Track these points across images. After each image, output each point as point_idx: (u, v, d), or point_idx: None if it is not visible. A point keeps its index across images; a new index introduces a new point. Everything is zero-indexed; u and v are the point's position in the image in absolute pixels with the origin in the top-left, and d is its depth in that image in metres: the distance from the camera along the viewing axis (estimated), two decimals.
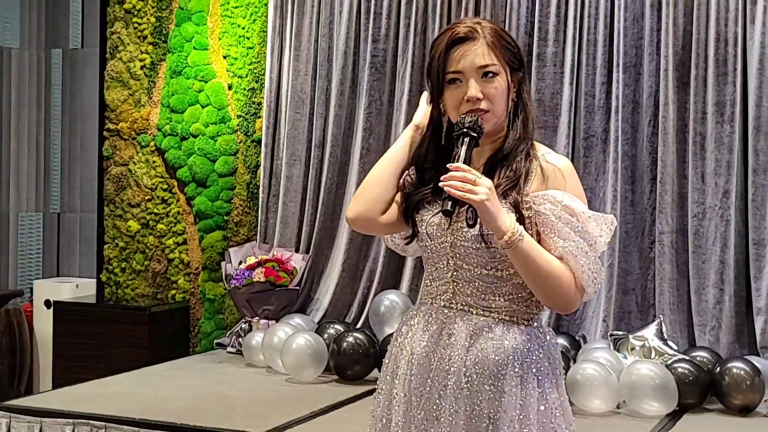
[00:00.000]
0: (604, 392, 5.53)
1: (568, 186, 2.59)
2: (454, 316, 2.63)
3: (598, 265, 2.57)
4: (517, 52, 2.67)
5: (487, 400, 2.56)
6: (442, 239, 2.64)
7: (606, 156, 6.62)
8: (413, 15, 7.08)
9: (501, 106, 2.61)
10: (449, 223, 2.61)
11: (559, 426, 2.61)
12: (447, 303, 2.66)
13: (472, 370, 2.58)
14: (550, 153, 2.66)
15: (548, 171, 2.60)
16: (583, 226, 2.54)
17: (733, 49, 6.27)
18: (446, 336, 2.62)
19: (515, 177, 2.59)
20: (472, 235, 2.58)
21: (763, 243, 6.16)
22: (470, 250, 2.60)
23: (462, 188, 2.42)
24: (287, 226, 7.39)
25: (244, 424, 5.17)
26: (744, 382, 5.56)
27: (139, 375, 6.40)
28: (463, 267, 2.63)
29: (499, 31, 2.65)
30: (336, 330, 6.58)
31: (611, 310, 6.43)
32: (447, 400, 2.58)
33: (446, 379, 2.60)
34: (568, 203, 2.55)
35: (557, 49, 6.70)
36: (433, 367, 2.62)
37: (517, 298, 2.62)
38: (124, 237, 7.88)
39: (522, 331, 2.61)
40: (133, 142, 7.87)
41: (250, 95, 7.60)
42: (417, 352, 2.66)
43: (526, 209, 2.57)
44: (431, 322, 2.66)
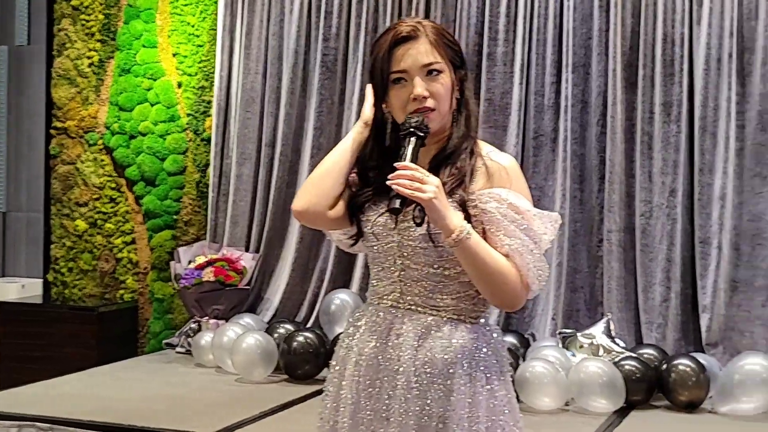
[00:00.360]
0: (552, 390, 5.57)
1: (514, 184, 2.59)
2: (402, 316, 2.63)
3: (543, 262, 2.58)
4: (459, 50, 2.67)
5: (437, 399, 2.57)
6: (388, 239, 2.64)
7: (555, 155, 6.67)
8: (364, 14, 7.09)
9: (446, 103, 2.62)
10: (396, 223, 2.61)
11: (506, 423, 2.62)
12: (394, 303, 2.65)
13: (422, 370, 2.58)
14: (494, 151, 2.66)
15: (493, 169, 2.60)
16: (528, 224, 2.55)
17: (680, 50, 6.34)
18: (394, 336, 2.62)
19: (460, 175, 2.59)
20: (419, 234, 2.57)
21: (709, 241, 6.24)
22: (417, 249, 2.60)
23: (410, 186, 2.43)
24: (237, 226, 7.36)
25: (193, 425, 5.14)
26: (690, 379, 5.62)
27: (87, 376, 6.35)
28: (411, 266, 2.62)
29: (441, 29, 2.65)
30: (286, 329, 6.57)
31: (560, 308, 6.48)
32: (397, 400, 2.58)
33: (395, 379, 2.59)
34: (514, 201, 2.56)
35: (507, 48, 6.73)
36: (382, 367, 2.62)
37: (464, 296, 2.62)
38: (72, 236, 7.81)
39: (469, 329, 2.62)
40: (81, 140, 7.80)
41: (199, 93, 7.57)
42: (365, 353, 2.65)
43: (472, 207, 2.57)
44: (379, 323, 2.66)
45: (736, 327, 6.19)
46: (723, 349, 6.15)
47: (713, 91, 6.27)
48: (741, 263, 6.20)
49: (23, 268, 8.17)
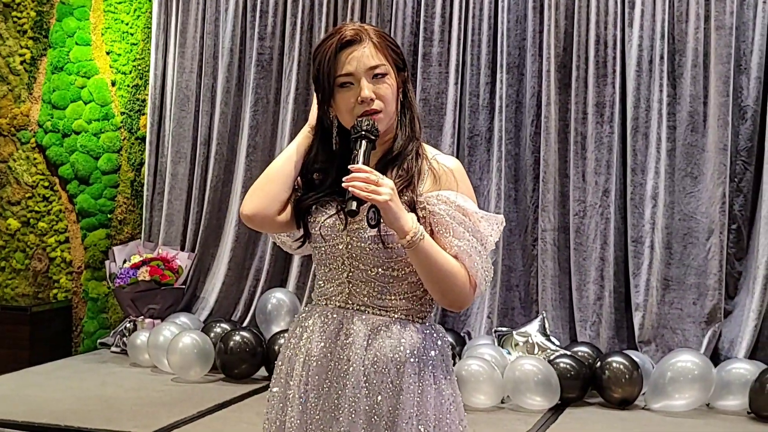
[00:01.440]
0: (488, 388, 5.63)
1: (460, 187, 2.63)
2: (351, 316, 2.65)
3: (488, 263, 2.64)
4: (400, 52, 2.71)
5: (386, 398, 2.60)
6: (336, 240, 2.66)
7: (490, 155, 6.73)
8: (299, 13, 7.09)
9: (392, 105, 2.65)
10: (345, 225, 2.63)
11: (452, 421, 2.66)
12: (343, 304, 2.67)
13: (371, 369, 2.61)
14: (439, 154, 2.69)
15: (440, 172, 2.64)
16: (475, 225, 2.60)
17: (612, 52, 6.43)
18: (344, 336, 2.64)
19: (408, 176, 2.62)
20: (369, 235, 2.59)
21: (642, 240, 6.34)
22: (367, 251, 2.62)
23: (366, 189, 2.46)
24: (172, 224, 7.34)
25: (130, 425, 5.12)
26: (623, 376, 5.71)
27: (21, 376, 6.28)
28: (360, 267, 2.63)
29: (383, 33, 2.69)
30: (222, 329, 6.56)
31: (495, 306, 6.55)
32: (346, 400, 2.61)
33: (345, 378, 2.62)
34: (461, 204, 2.60)
35: (442, 49, 6.78)
36: (332, 367, 2.64)
37: (412, 296, 2.66)
38: (4, 235, 7.72)
39: (418, 329, 2.65)
40: (13, 138, 7.72)
41: (134, 92, 7.52)
42: (314, 353, 2.67)
43: (420, 209, 2.61)
44: (328, 323, 2.68)
45: (668, 325, 6.30)
46: (656, 346, 6.26)
47: (645, 92, 6.37)
48: (673, 262, 6.32)
49: None
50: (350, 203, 2.47)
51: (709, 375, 5.62)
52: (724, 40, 6.21)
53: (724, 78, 6.20)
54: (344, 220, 2.61)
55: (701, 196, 6.28)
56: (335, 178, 2.54)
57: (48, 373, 6.39)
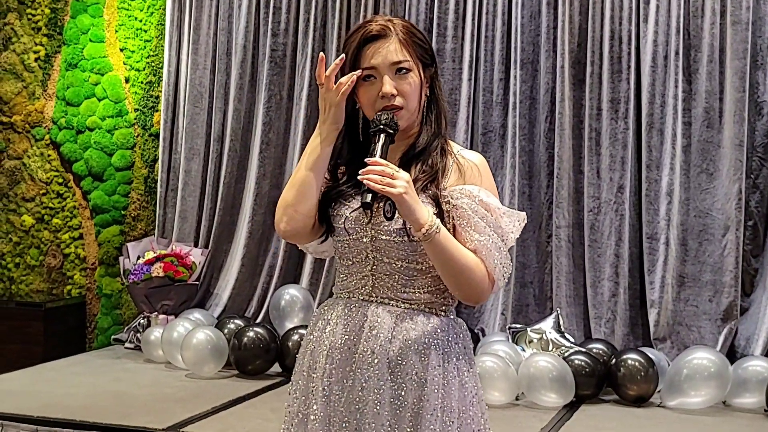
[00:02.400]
0: (503, 384, 5.61)
1: (484, 182, 2.64)
2: (375, 309, 2.65)
3: (508, 259, 2.64)
4: (429, 48, 2.70)
5: (411, 390, 2.60)
6: (361, 234, 2.65)
7: (504, 151, 6.71)
8: (313, 10, 7.08)
9: (414, 102, 2.64)
10: (370, 218, 2.63)
11: (475, 414, 2.67)
12: (366, 296, 2.67)
13: (396, 362, 2.61)
14: (464, 150, 2.70)
15: (465, 167, 2.64)
16: (496, 221, 2.60)
17: (627, 47, 6.41)
18: (368, 329, 2.64)
19: (433, 172, 2.63)
20: (395, 228, 2.59)
21: (657, 237, 6.31)
22: (391, 244, 2.61)
23: (381, 182, 2.45)
24: (186, 221, 7.34)
25: (144, 421, 5.12)
26: (638, 373, 5.69)
27: (36, 372, 6.29)
28: (384, 261, 2.63)
29: (411, 27, 2.68)
30: (236, 325, 6.56)
31: (509, 303, 6.53)
32: (371, 392, 2.60)
33: (369, 371, 2.61)
34: (484, 198, 2.60)
35: (456, 45, 6.76)
36: (356, 359, 2.63)
37: (435, 290, 2.66)
38: (18, 232, 7.73)
39: (441, 321, 2.66)
40: (28, 135, 7.73)
41: (147, 88, 7.53)
42: (338, 346, 2.66)
43: (445, 203, 2.61)
44: (351, 316, 2.67)
45: (683, 322, 6.27)
46: (671, 343, 6.24)
47: (660, 88, 6.34)
48: (688, 258, 6.29)
49: None
50: (365, 195, 2.47)
51: (725, 372, 5.59)
52: (740, 36, 6.18)
53: (740, 74, 6.17)
54: (369, 214, 2.61)
55: (717, 192, 6.25)
56: (359, 170, 2.52)
57: (62, 369, 6.39)
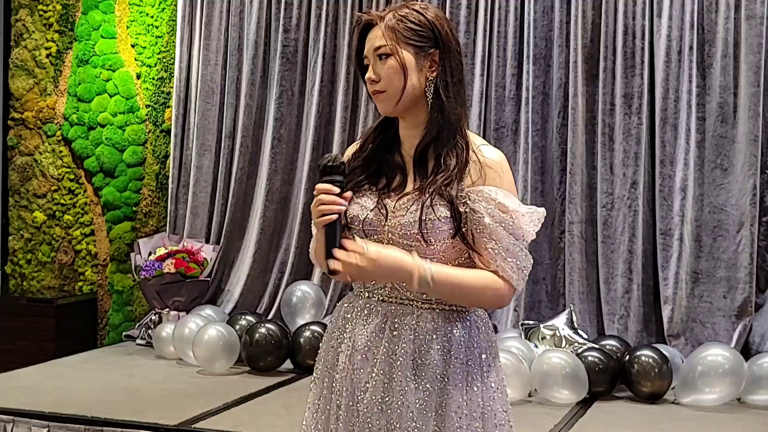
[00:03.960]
0: (515, 381, 5.58)
1: (505, 182, 2.60)
2: (395, 310, 2.62)
3: (527, 260, 2.60)
4: (424, 30, 2.63)
5: (434, 390, 2.58)
6: (378, 236, 2.62)
7: (516, 147, 6.68)
8: (324, 5, 7.07)
9: (394, 85, 2.61)
10: (386, 219, 2.60)
11: (498, 409, 2.64)
12: (386, 297, 2.65)
13: (419, 362, 2.59)
14: (485, 145, 2.65)
15: (486, 166, 2.59)
16: (515, 223, 2.56)
17: (640, 42, 6.37)
18: (389, 330, 2.61)
19: (450, 174, 2.58)
20: (411, 233, 2.57)
21: (670, 233, 6.28)
22: (409, 246, 2.57)
23: (349, 272, 2.51)
24: (197, 217, 7.33)
25: (156, 417, 5.11)
26: (652, 370, 5.65)
27: (48, 368, 6.28)
28: None
29: (408, 13, 2.64)
30: (248, 321, 6.54)
31: (522, 299, 6.51)
32: (394, 394, 2.58)
33: (392, 372, 2.59)
34: (502, 200, 2.56)
35: (468, 40, 6.74)
36: (378, 360, 2.61)
37: None
38: (30, 228, 7.73)
39: (462, 318, 2.63)
40: (39, 131, 7.73)
41: (159, 85, 7.52)
42: (359, 346, 2.63)
43: (462, 204, 2.56)
44: (372, 316, 2.64)
45: (698, 318, 6.23)
46: (685, 340, 6.20)
47: (674, 83, 6.31)
48: (702, 255, 6.25)
49: None
50: (331, 262, 2.52)
51: (740, 369, 5.56)
52: (754, 30, 6.14)
53: (754, 68, 6.13)
54: (385, 215, 2.60)
55: (731, 188, 6.21)
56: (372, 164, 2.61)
57: (74, 365, 6.39)
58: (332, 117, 7.09)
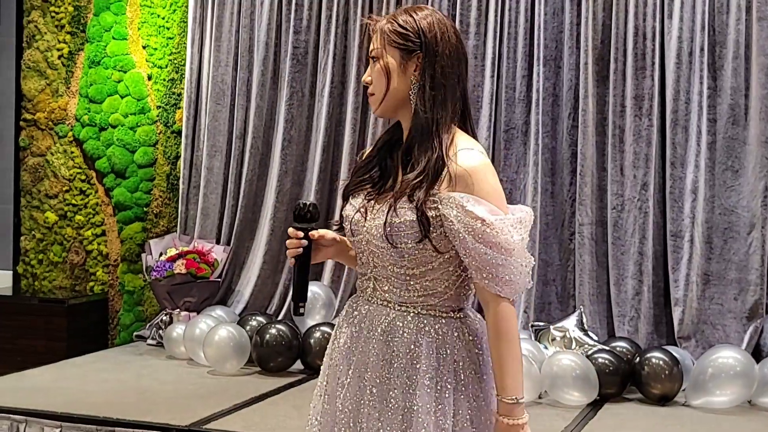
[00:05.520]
0: (525, 383, 5.38)
1: (476, 188, 2.52)
2: (374, 311, 2.66)
3: (519, 265, 2.53)
4: (410, 33, 2.61)
5: (401, 392, 2.58)
6: (361, 236, 2.65)
7: (527, 148, 6.68)
8: (335, 6, 7.07)
9: (379, 87, 2.64)
10: (365, 219, 2.62)
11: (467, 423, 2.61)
12: (369, 297, 2.69)
13: (389, 365, 2.60)
14: (464, 150, 2.57)
15: (457, 173, 2.53)
16: (488, 231, 2.49)
17: (651, 44, 6.37)
18: (366, 330, 2.66)
19: (418, 178, 2.55)
20: (379, 233, 2.57)
21: (681, 235, 6.27)
22: (382, 249, 2.60)
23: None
24: (208, 218, 7.34)
25: (167, 417, 5.13)
26: (663, 372, 5.65)
27: (59, 368, 6.30)
28: (379, 264, 2.64)
29: (400, 15, 2.64)
30: (258, 322, 6.56)
31: (532, 301, 6.51)
32: (366, 394, 2.62)
33: (365, 372, 2.63)
34: (471, 208, 2.50)
35: (478, 42, 6.74)
36: (354, 360, 2.66)
37: (432, 293, 2.61)
38: (42, 228, 7.76)
39: (441, 323, 2.61)
40: (51, 132, 7.75)
41: (170, 86, 7.53)
42: (340, 345, 2.72)
43: (433, 209, 2.53)
44: (355, 316, 2.70)
45: (708, 320, 6.22)
46: (695, 342, 6.19)
47: (685, 85, 6.30)
48: (713, 256, 6.24)
49: None
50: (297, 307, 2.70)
51: (751, 371, 5.55)
52: (766, 32, 6.13)
53: (766, 70, 6.12)
54: (364, 214, 2.62)
55: (742, 189, 6.20)
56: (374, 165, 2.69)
57: (85, 365, 6.41)
58: (342, 118, 7.10)
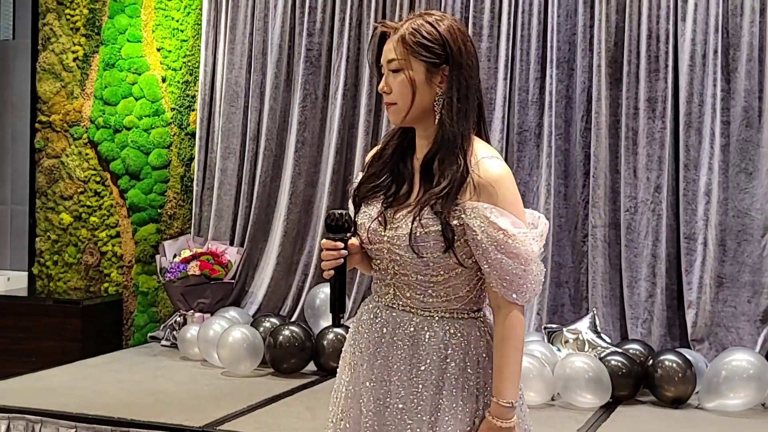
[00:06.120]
0: (538, 385, 5.59)
1: (500, 199, 2.58)
2: (397, 317, 2.69)
3: (530, 277, 2.60)
4: (436, 46, 2.63)
5: (430, 396, 2.63)
6: (379, 245, 2.69)
7: (539, 151, 6.68)
8: (348, 9, 7.09)
9: (404, 99, 2.65)
10: (385, 229, 2.66)
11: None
12: (390, 303, 2.71)
13: (414, 368, 2.65)
14: (486, 159, 2.63)
15: (481, 184, 2.59)
16: (510, 242, 2.56)
17: (664, 46, 6.36)
18: (389, 335, 2.69)
19: (444, 189, 2.60)
20: (404, 245, 2.62)
21: (694, 237, 6.26)
22: (405, 258, 2.64)
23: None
24: (222, 219, 7.36)
25: (181, 418, 5.15)
26: (676, 375, 5.64)
27: (74, 369, 6.33)
28: (401, 272, 2.68)
29: (418, 27, 2.65)
30: (272, 323, 6.58)
31: (545, 303, 6.51)
32: (392, 397, 2.65)
33: (390, 376, 2.66)
34: (495, 219, 2.56)
35: (491, 44, 6.75)
36: (377, 365, 2.69)
37: (454, 298, 2.66)
38: (57, 230, 7.79)
39: (462, 325, 2.66)
40: (66, 134, 7.79)
41: (184, 88, 7.56)
42: (362, 349, 2.73)
43: (456, 218, 2.59)
44: (376, 321, 2.72)
45: (722, 323, 6.21)
46: (709, 344, 6.18)
47: (698, 87, 6.29)
48: (727, 259, 6.23)
49: (8, 261, 8.15)
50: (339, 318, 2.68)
51: (764, 374, 5.53)
52: None
53: None
54: (383, 223, 2.66)
55: (756, 192, 6.19)
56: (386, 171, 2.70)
57: (99, 366, 6.43)
58: (356, 120, 7.11)
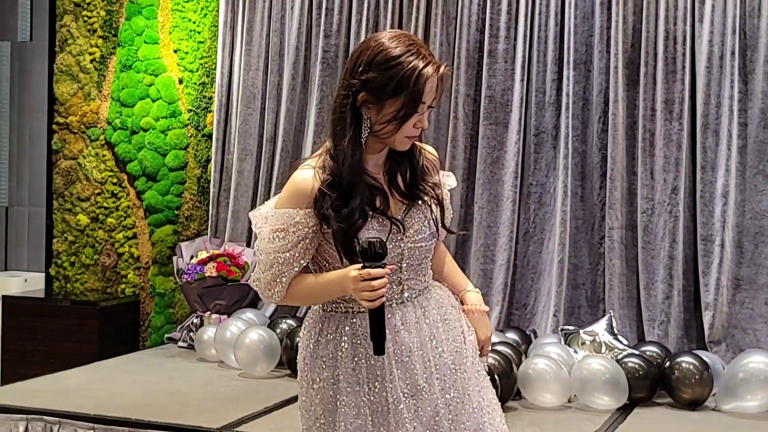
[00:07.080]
0: (555, 386, 5.59)
1: None
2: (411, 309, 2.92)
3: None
4: (351, 66, 2.91)
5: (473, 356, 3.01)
6: (400, 250, 2.88)
7: (556, 152, 6.68)
8: (365, 11, 7.09)
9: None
10: (403, 233, 2.86)
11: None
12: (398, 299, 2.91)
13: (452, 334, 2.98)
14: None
15: (434, 160, 3.06)
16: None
17: (681, 48, 6.35)
18: (426, 325, 2.93)
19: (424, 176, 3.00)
20: (428, 233, 2.93)
21: (711, 239, 6.24)
22: (422, 249, 2.93)
23: None
24: (238, 221, 7.37)
25: (198, 420, 5.16)
26: (693, 377, 5.63)
27: (91, 370, 6.36)
28: (413, 264, 2.92)
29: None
30: (288, 325, 6.58)
31: (561, 304, 6.49)
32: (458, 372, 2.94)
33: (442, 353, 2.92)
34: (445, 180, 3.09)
35: (508, 45, 6.74)
36: (421, 355, 2.90)
37: (430, 269, 3.03)
38: (74, 231, 7.82)
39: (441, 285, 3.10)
40: (83, 135, 7.81)
41: (200, 89, 7.58)
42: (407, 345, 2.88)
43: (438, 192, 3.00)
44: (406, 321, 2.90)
45: (739, 325, 6.19)
46: (726, 346, 6.16)
47: (715, 89, 6.27)
48: (744, 261, 6.21)
49: (26, 262, 8.19)
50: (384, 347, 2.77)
51: None
52: None
53: None
54: (401, 228, 2.87)
55: None
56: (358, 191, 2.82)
57: (116, 367, 6.46)
58: None
